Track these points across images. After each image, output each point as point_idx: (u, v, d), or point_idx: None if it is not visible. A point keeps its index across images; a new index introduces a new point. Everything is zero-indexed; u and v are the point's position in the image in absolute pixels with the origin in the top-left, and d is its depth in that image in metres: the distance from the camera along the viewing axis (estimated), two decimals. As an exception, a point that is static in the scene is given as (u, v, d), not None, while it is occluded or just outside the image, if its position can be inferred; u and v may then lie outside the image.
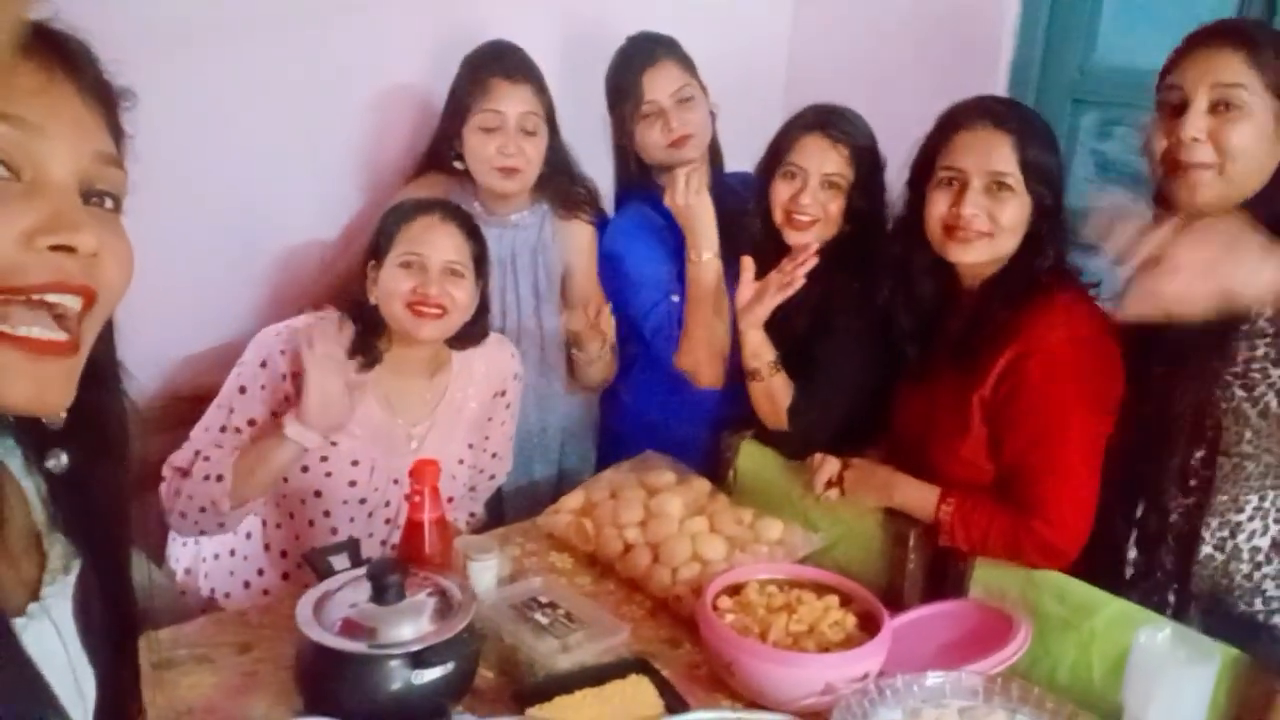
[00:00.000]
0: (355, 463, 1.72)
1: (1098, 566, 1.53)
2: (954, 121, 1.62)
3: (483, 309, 1.79)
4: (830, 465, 1.74)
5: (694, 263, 1.88)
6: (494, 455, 1.94)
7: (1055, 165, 1.60)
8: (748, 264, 1.79)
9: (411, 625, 1.25)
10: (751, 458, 1.92)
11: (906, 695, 1.28)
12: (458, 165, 2.00)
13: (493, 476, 1.98)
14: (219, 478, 1.58)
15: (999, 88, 2.43)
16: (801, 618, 1.40)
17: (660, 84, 1.98)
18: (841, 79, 1.89)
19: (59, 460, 0.74)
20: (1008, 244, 1.59)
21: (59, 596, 0.74)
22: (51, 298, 0.64)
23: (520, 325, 2.07)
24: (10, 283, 0.62)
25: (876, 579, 1.65)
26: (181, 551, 1.88)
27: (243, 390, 1.68)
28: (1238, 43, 1.40)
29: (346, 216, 2.23)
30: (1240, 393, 1.43)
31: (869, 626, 1.40)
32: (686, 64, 2.03)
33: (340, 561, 1.38)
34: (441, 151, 2.03)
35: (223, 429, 1.68)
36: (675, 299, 1.97)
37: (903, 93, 1.89)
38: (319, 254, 2.21)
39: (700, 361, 1.93)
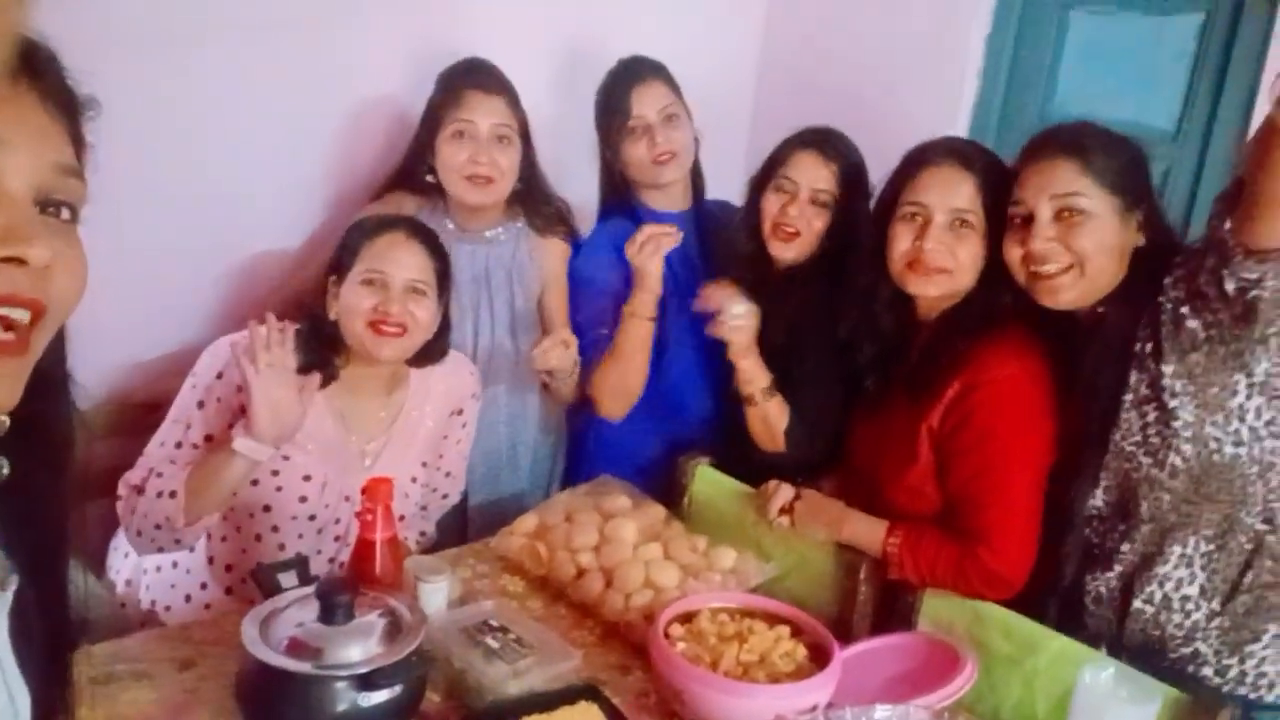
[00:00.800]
0: (307, 478, 1.70)
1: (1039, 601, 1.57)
2: (921, 158, 1.67)
3: (444, 328, 1.78)
4: (784, 493, 1.75)
5: (627, 315, 1.94)
6: (447, 474, 1.93)
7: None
8: (712, 293, 1.82)
9: (360, 646, 1.23)
10: (707, 483, 1.93)
11: (854, 728, 1.29)
12: (430, 179, 2.00)
13: (445, 496, 1.97)
14: (172, 494, 1.55)
15: (960, 129, 2.49)
16: (753, 647, 1.40)
17: (647, 100, 2.02)
18: (807, 113, 1.94)
19: (1, 468, 0.71)
20: (965, 280, 1.64)
21: None
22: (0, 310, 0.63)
23: (494, 342, 2.07)
24: None
25: (827, 609, 1.66)
26: (123, 563, 1.84)
27: (200, 405, 1.65)
28: (1070, 152, 1.49)
29: (311, 228, 2.21)
30: (1146, 460, 1.48)
31: (819, 657, 1.40)
32: (674, 86, 2.08)
33: (288, 579, 1.36)
34: (414, 166, 2.02)
35: (178, 445, 1.65)
36: (605, 332, 2.00)
37: (867, 128, 1.94)
38: (280, 264, 2.18)
39: (603, 393, 2.01)
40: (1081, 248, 1.47)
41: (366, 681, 1.20)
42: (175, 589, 1.77)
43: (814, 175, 1.86)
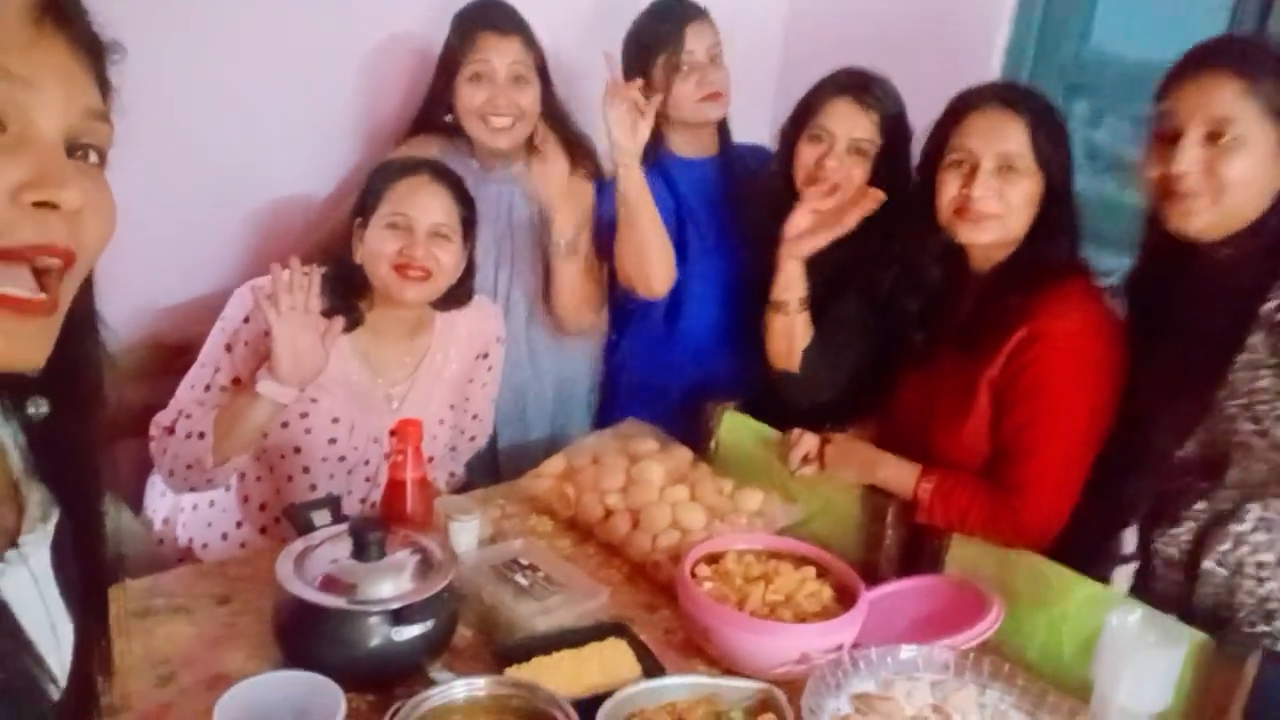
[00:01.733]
0: (335, 420, 1.72)
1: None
2: (966, 104, 1.63)
3: (468, 272, 1.78)
4: (808, 441, 1.75)
5: (618, 167, 1.88)
6: (474, 416, 1.94)
7: (1065, 151, 1.61)
8: (811, 194, 1.79)
9: (392, 582, 1.25)
10: (733, 428, 1.93)
11: (880, 667, 1.30)
12: (448, 119, 1.99)
13: (473, 438, 1.98)
14: (200, 435, 1.57)
15: (993, 72, 2.43)
16: (778, 588, 1.41)
17: (701, 38, 1.99)
18: (837, 55, 1.90)
19: (38, 407, 0.74)
20: (1017, 225, 1.60)
21: (37, 545, 0.74)
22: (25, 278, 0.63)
23: (513, 278, 2.07)
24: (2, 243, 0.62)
25: (854, 553, 1.66)
26: (160, 501, 1.87)
27: (228, 348, 1.67)
28: (1234, 70, 1.35)
29: (340, 173, 2.20)
30: (1248, 426, 1.39)
31: (845, 599, 1.42)
32: (715, 28, 2.04)
33: (321, 517, 1.38)
34: (434, 108, 2.01)
35: (207, 387, 1.67)
36: None
37: (897, 74, 1.89)
38: (306, 208, 2.18)
39: (632, 269, 1.96)
40: (1227, 177, 1.34)
41: (399, 616, 1.22)
42: (211, 527, 1.80)
43: (852, 124, 1.79)
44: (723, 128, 2.13)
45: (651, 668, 1.30)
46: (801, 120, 1.85)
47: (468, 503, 1.60)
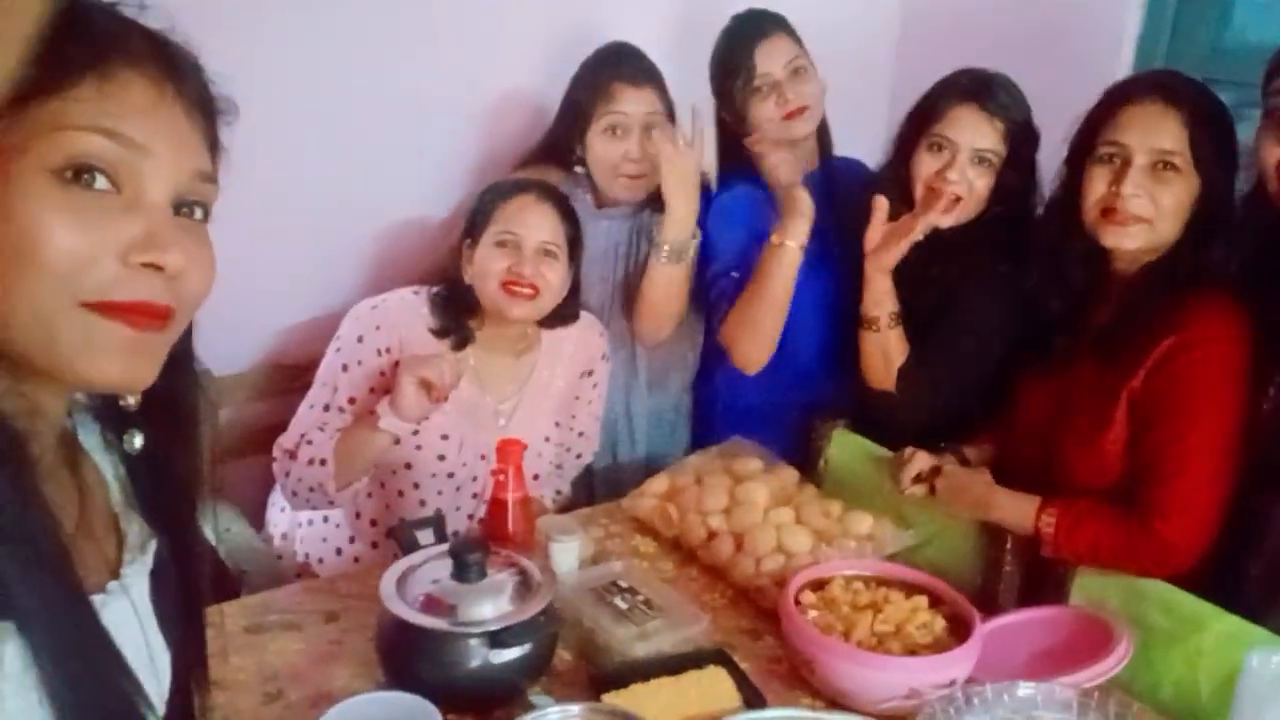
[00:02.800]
0: (445, 437, 1.74)
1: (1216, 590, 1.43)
2: (1122, 94, 1.52)
3: (574, 291, 1.78)
4: (920, 460, 1.68)
5: (774, 245, 1.81)
6: (580, 434, 1.95)
7: (1229, 152, 1.50)
8: (881, 204, 1.73)
9: (491, 604, 1.26)
10: (843, 447, 1.87)
11: (995, 704, 1.23)
12: (579, 170, 1.99)
13: (579, 455, 1.98)
14: (322, 462, 1.63)
15: (1124, 67, 2.31)
16: (888, 617, 1.36)
17: (773, 56, 1.92)
18: (956, 54, 1.81)
19: (133, 440, 0.77)
20: (1168, 231, 1.50)
21: (137, 575, 0.77)
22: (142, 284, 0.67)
23: (613, 310, 2.06)
24: (103, 297, 0.65)
25: (970, 581, 1.59)
26: (279, 517, 1.94)
27: (345, 369, 1.72)
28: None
29: (454, 199, 2.25)
30: None
31: (959, 630, 1.35)
32: (795, 38, 1.97)
33: (425, 536, 1.39)
34: (557, 150, 2.01)
35: (326, 408, 1.72)
36: (735, 275, 1.93)
37: (1020, 69, 1.80)
38: (421, 232, 2.24)
39: (740, 339, 1.89)
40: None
41: (498, 639, 1.22)
42: (326, 543, 1.85)
43: (975, 133, 1.70)
44: (823, 139, 2.06)
45: (751, 698, 1.27)
46: (921, 127, 1.75)
47: (570, 523, 1.60)
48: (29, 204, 0.63)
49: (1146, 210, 1.47)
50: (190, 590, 0.84)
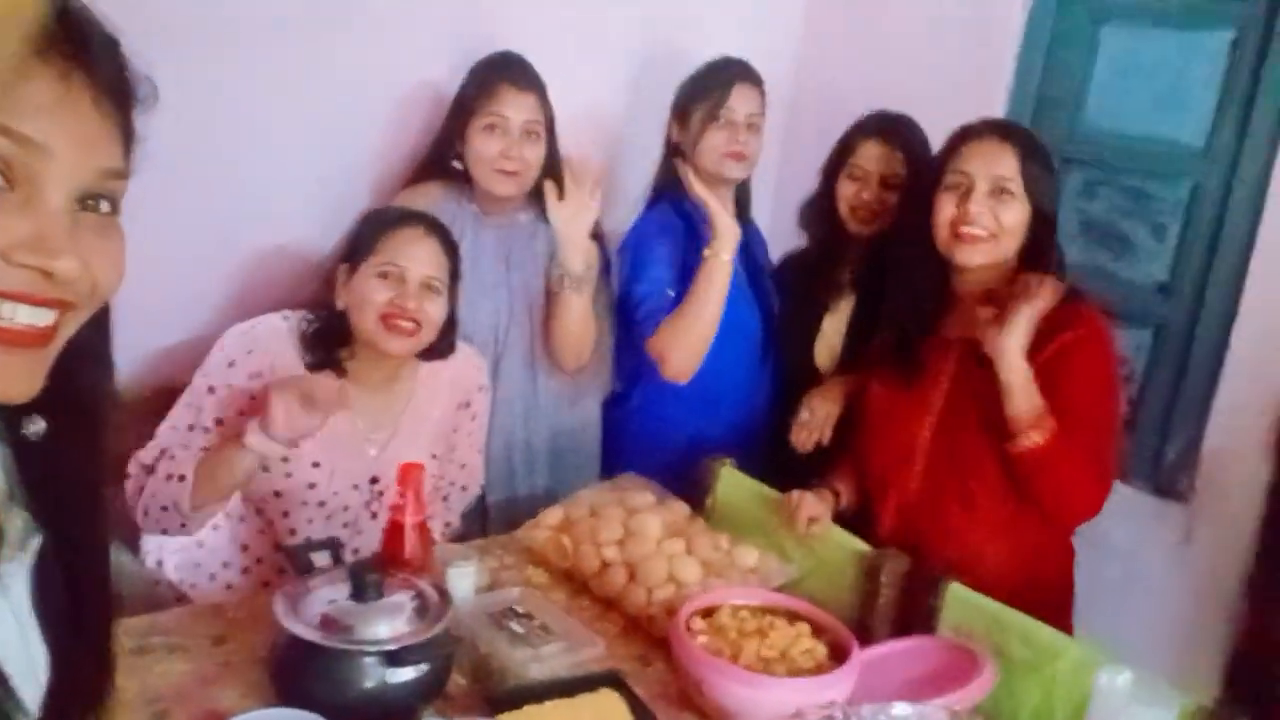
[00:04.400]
0: (315, 465, 1.72)
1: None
2: (964, 134, 1.76)
3: (450, 325, 1.79)
4: (810, 503, 1.77)
5: (707, 258, 1.97)
6: (462, 466, 1.95)
7: (1052, 179, 1.76)
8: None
9: (388, 624, 1.26)
10: (731, 485, 1.95)
11: (872, 724, 1.30)
12: (456, 165, 2.04)
13: (465, 488, 1.99)
14: (181, 478, 1.57)
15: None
16: (773, 643, 1.42)
17: (744, 101, 2.11)
18: (840, 128, 2.07)
19: (36, 426, 0.72)
20: (1009, 247, 1.72)
21: (15, 576, 0.73)
22: (23, 307, 0.63)
23: (513, 321, 2.09)
24: None
25: (847, 613, 1.66)
26: (153, 542, 1.87)
27: (211, 390, 1.68)
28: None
29: (347, 221, 2.23)
30: None
31: (839, 656, 1.42)
32: (764, 101, 2.16)
33: (321, 559, 1.39)
34: (443, 153, 2.06)
35: (190, 428, 1.67)
36: (671, 294, 2.04)
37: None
38: (305, 255, 2.19)
39: (674, 350, 2.00)
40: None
41: (395, 658, 1.24)
42: (200, 568, 1.80)
43: (883, 162, 2.03)
44: (742, 197, 2.23)
45: (644, 719, 1.30)
46: (839, 160, 2.09)
47: (466, 551, 1.62)
48: None
49: (991, 225, 1.69)
50: (90, 594, 0.80)
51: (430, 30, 2.24)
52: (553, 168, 2.07)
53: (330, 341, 1.71)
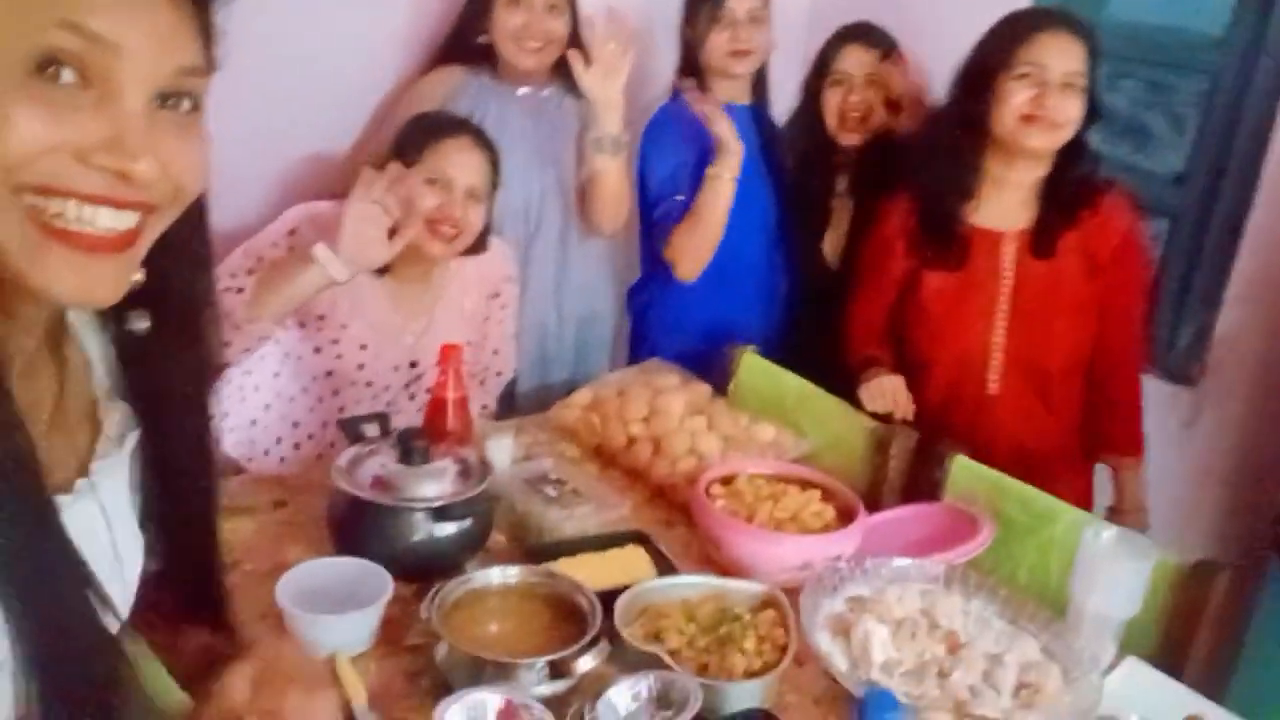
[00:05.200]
0: (363, 347, 1.83)
1: None
2: (1033, 22, 1.81)
3: (486, 229, 1.88)
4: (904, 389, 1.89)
5: (710, 178, 2.05)
6: (495, 352, 2.06)
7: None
8: None
9: (434, 485, 1.39)
10: (752, 370, 2.05)
11: (874, 575, 1.42)
12: (482, 39, 2.11)
13: (499, 373, 2.10)
14: (239, 290, 1.62)
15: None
16: (785, 506, 1.54)
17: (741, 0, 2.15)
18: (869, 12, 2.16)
19: (141, 322, 0.73)
20: (1068, 137, 1.78)
21: (108, 473, 0.75)
22: (104, 210, 0.62)
23: (545, 200, 2.18)
24: (61, 185, 0.60)
25: (858, 486, 1.76)
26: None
27: (274, 245, 1.76)
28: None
29: (370, 109, 2.28)
30: None
31: (846, 520, 1.53)
32: None
33: (371, 429, 1.52)
34: (468, 29, 2.13)
35: (249, 272, 1.71)
36: (680, 198, 2.13)
37: (917, 33, 2.07)
38: (336, 158, 2.25)
39: (683, 253, 2.13)
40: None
41: (440, 514, 1.36)
42: (255, 444, 1.94)
43: (865, 65, 2.13)
44: (760, 81, 2.29)
45: (666, 571, 1.43)
46: (822, 69, 2.16)
47: (503, 426, 1.74)
48: None
49: (1066, 116, 1.75)
50: (187, 486, 0.82)
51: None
52: (576, 41, 2.13)
53: None
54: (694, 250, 2.12)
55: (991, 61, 1.80)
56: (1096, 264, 1.83)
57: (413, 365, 1.90)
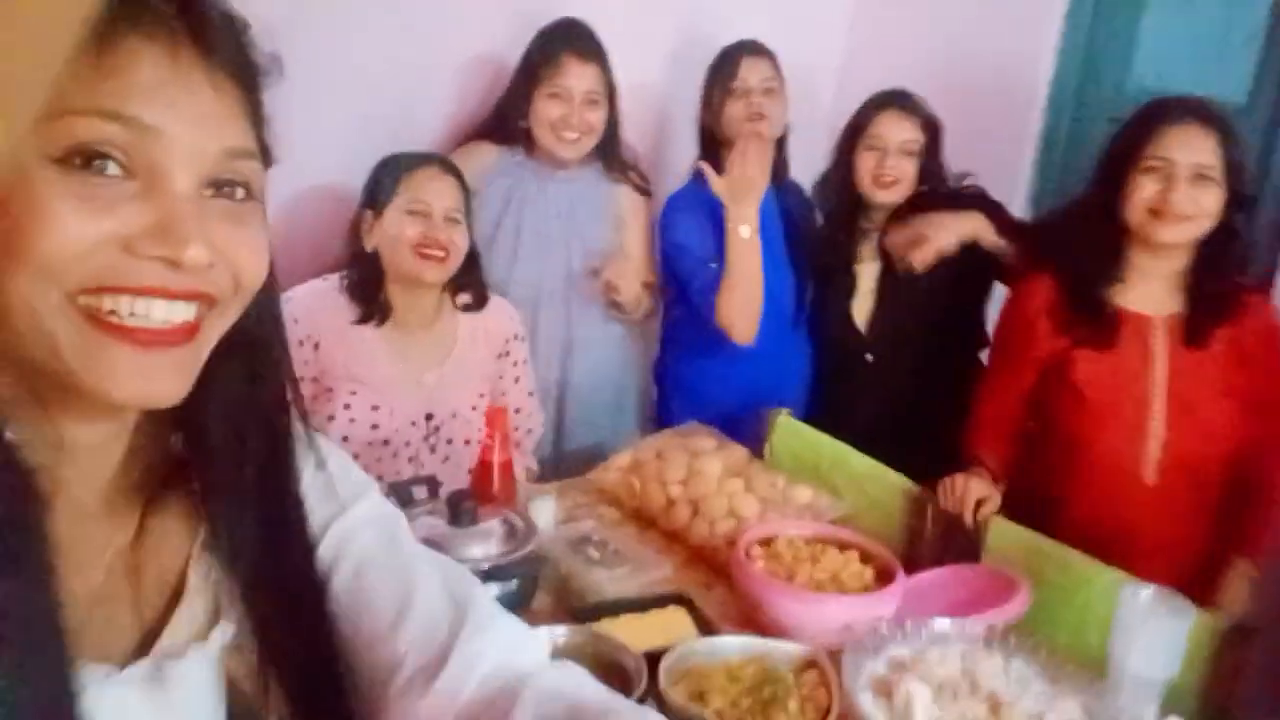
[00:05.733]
0: (375, 407, 1.88)
1: None
2: (1161, 114, 1.79)
3: (474, 261, 1.95)
4: (976, 488, 1.81)
5: (730, 232, 2.11)
6: (517, 410, 2.10)
7: (1247, 164, 1.80)
8: None
9: (482, 546, 1.43)
10: (787, 433, 2.08)
11: (914, 636, 1.44)
12: (522, 124, 2.20)
13: (529, 430, 2.16)
14: None
15: (1038, 104, 2.58)
16: (824, 567, 1.56)
17: (753, 71, 2.26)
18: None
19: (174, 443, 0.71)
20: (1205, 228, 1.77)
21: (184, 669, 0.69)
22: (158, 302, 0.60)
23: (571, 274, 2.27)
24: (112, 281, 0.58)
25: (895, 548, 1.78)
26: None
27: (305, 363, 1.84)
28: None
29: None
30: None
31: (885, 580, 1.55)
32: (778, 70, 2.30)
33: (420, 492, 1.57)
34: (508, 114, 2.22)
35: None
36: (714, 265, 2.19)
37: (948, 106, 2.15)
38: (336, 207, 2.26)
39: (732, 314, 2.16)
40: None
41: (487, 575, 1.40)
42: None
43: (899, 130, 2.18)
44: (780, 160, 2.35)
45: (708, 632, 1.45)
46: (854, 135, 2.22)
47: (545, 488, 1.78)
48: (26, 192, 0.55)
49: (1193, 210, 1.74)
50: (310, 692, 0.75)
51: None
52: (611, 131, 2.22)
53: (371, 287, 1.87)
54: (740, 310, 2.15)
55: (1122, 153, 1.81)
56: (1244, 353, 1.80)
57: (429, 418, 1.94)
